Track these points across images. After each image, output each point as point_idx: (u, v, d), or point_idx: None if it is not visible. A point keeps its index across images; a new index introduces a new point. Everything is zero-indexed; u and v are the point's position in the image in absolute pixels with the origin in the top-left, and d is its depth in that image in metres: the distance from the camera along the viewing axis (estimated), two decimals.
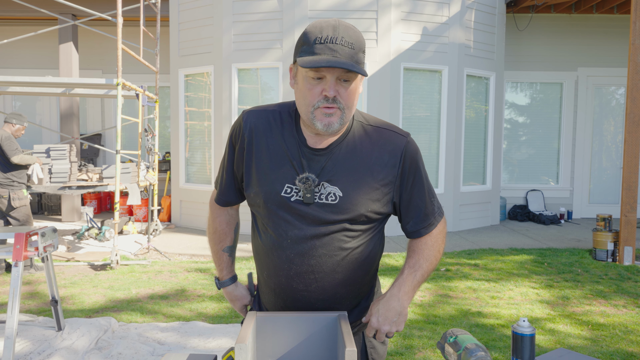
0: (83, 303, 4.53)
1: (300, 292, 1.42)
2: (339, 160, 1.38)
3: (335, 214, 1.37)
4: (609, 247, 6.06)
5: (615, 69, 9.37)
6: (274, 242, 1.42)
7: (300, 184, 1.36)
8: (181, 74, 8.28)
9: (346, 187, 1.37)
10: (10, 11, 8.30)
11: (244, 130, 1.44)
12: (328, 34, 1.25)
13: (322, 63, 1.22)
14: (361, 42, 1.29)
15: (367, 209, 1.38)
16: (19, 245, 3.22)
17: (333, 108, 1.29)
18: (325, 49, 1.24)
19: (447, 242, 7.14)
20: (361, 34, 1.32)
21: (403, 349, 3.54)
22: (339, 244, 1.39)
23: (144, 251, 6.48)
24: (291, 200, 1.38)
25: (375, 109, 7.43)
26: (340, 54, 1.24)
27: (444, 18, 7.73)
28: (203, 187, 8.07)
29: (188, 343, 3.63)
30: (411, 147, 1.43)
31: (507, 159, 9.55)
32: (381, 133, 1.42)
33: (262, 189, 1.41)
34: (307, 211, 1.37)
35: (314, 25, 1.29)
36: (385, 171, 1.39)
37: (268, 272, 1.46)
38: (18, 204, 5.47)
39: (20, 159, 5.47)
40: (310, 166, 1.38)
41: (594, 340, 3.74)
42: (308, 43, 1.27)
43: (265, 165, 1.41)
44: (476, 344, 1.27)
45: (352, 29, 1.29)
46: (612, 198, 9.51)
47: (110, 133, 10.06)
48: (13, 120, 5.65)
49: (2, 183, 5.43)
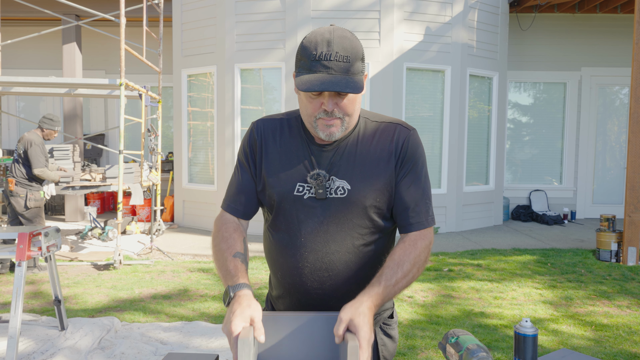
0: (86, 303, 4.54)
1: (315, 290, 1.43)
2: (346, 154, 1.41)
3: (346, 207, 1.39)
4: (612, 248, 6.04)
5: (619, 68, 9.33)
6: (288, 241, 1.44)
7: (312, 180, 1.39)
8: (184, 74, 8.29)
9: (353, 180, 1.40)
10: (15, 12, 8.33)
11: (256, 136, 1.49)
12: (322, 50, 1.28)
13: (315, 87, 1.26)
14: (357, 51, 1.31)
15: (375, 200, 1.40)
16: (23, 245, 3.23)
17: (333, 119, 1.34)
18: (319, 67, 1.28)
19: (450, 242, 7.13)
20: (357, 41, 1.33)
21: (406, 349, 3.53)
22: (352, 241, 1.41)
23: (147, 251, 6.49)
24: (304, 198, 1.41)
25: (378, 109, 7.42)
26: (335, 70, 1.27)
27: (446, 18, 7.71)
28: (206, 187, 8.08)
29: (191, 343, 3.63)
30: (413, 140, 1.45)
31: (510, 159, 9.54)
32: (386, 127, 1.46)
33: (275, 190, 1.44)
34: (320, 207, 1.40)
35: (309, 40, 1.31)
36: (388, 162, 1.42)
37: (282, 272, 1.47)
38: (33, 204, 5.48)
39: (41, 172, 5.44)
40: (319, 162, 1.41)
41: (598, 341, 3.73)
42: (305, 58, 1.31)
43: (277, 167, 1.45)
44: (478, 344, 1.27)
45: (347, 39, 1.30)
46: (616, 198, 9.47)
47: (114, 133, 10.09)
48: (44, 125, 5.59)
49: (21, 182, 5.45)
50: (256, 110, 7.72)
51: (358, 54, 1.31)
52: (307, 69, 1.30)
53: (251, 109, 7.71)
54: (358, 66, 1.31)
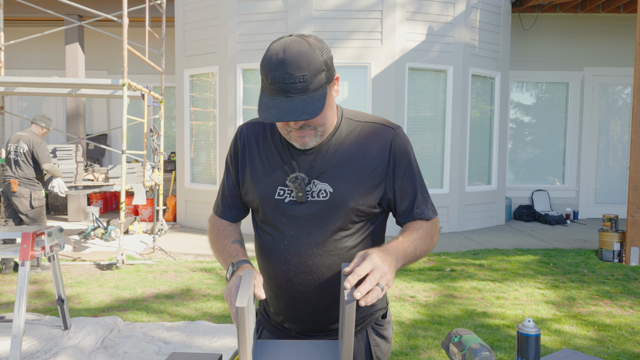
0: (89, 302, 4.56)
1: (301, 292, 1.43)
2: (327, 157, 1.40)
3: (328, 210, 1.38)
4: (615, 248, 6.02)
5: (621, 68, 9.32)
6: (272, 245, 1.44)
7: (291, 184, 1.39)
8: (186, 74, 8.30)
9: (336, 183, 1.38)
10: (18, 12, 8.36)
11: (239, 142, 1.50)
12: (277, 72, 1.24)
13: (271, 117, 1.25)
14: (316, 65, 1.25)
15: (358, 202, 1.39)
16: (26, 245, 3.24)
17: (305, 131, 1.34)
18: (276, 90, 1.25)
19: (452, 242, 7.12)
20: (315, 52, 1.25)
21: (408, 349, 3.53)
22: (335, 243, 1.40)
23: (150, 251, 6.50)
24: (285, 202, 1.41)
25: (380, 109, 7.43)
26: (292, 93, 1.24)
27: (449, 18, 7.71)
28: (208, 187, 8.09)
29: (193, 342, 3.64)
30: (400, 138, 1.43)
31: (512, 159, 9.52)
32: (369, 127, 1.44)
33: (258, 194, 1.45)
34: (301, 211, 1.39)
35: (265, 59, 1.27)
36: (374, 164, 1.40)
37: (268, 274, 1.48)
38: (37, 204, 5.53)
39: (50, 167, 5.59)
40: (300, 166, 1.40)
41: (600, 341, 3.72)
42: (263, 78, 1.29)
43: (259, 171, 1.45)
44: (480, 343, 1.27)
45: (303, 55, 1.23)
46: (618, 198, 9.46)
47: (116, 133, 10.10)
48: (42, 124, 5.74)
49: (25, 183, 5.48)
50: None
51: (317, 67, 1.25)
52: (267, 90, 1.28)
53: (253, 109, 7.72)
54: (319, 79, 1.26)
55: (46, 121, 5.78)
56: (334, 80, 1.33)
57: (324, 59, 1.28)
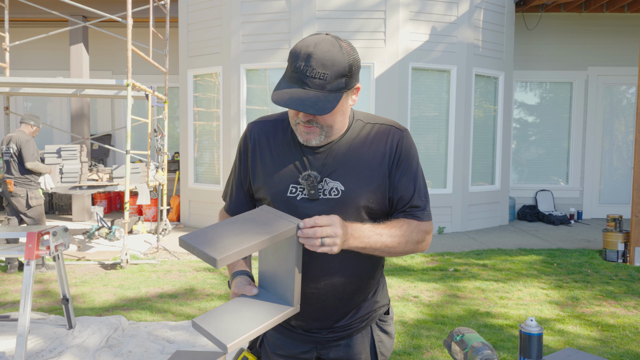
0: (94, 302, 4.58)
1: (310, 290, 1.45)
2: (339, 155, 1.43)
3: (340, 207, 1.40)
4: (619, 248, 6.01)
5: (625, 68, 9.28)
6: None
7: (303, 181, 1.41)
8: (190, 75, 8.33)
9: (347, 181, 1.41)
10: (22, 13, 8.40)
11: (249, 140, 1.52)
12: (301, 63, 1.28)
13: (280, 102, 1.28)
14: (339, 67, 1.29)
15: (368, 200, 1.42)
16: (31, 244, 3.26)
17: (312, 127, 1.37)
18: (297, 79, 1.29)
19: (456, 242, 7.12)
20: (343, 57, 1.29)
21: (411, 349, 3.54)
22: None
23: (154, 250, 6.53)
24: (297, 199, 1.43)
25: (384, 108, 7.43)
26: (310, 86, 1.28)
27: (452, 17, 7.70)
28: (212, 187, 8.11)
29: (197, 342, 3.66)
30: (406, 140, 1.47)
31: (516, 159, 9.50)
32: (379, 128, 1.47)
33: (269, 192, 1.46)
34: (313, 208, 1.41)
35: (295, 48, 1.32)
36: (382, 163, 1.44)
37: None
38: (35, 203, 5.56)
39: (34, 165, 5.57)
40: (312, 164, 1.43)
41: (604, 341, 3.72)
42: (289, 65, 1.33)
43: (270, 169, 1.47)
44: (482, 342, 1.28)
45: (330, 54, 1.28)
46: (622, 198, 9.42)
47: (120, 133, 10.14)
48: (31, 122, 5.78)
49: (20, 182, 5.52)
50: (262, 111, 7.75)
51: (341, 70, 1.29)
52: (288, 77, 1.32)
53: (257, 109, 7.73)
54: (338, 83, 1.30)
55: (35, 119, 5.81)
56: (353, 89, 1.37)
57: (349, 65, 1.31)
